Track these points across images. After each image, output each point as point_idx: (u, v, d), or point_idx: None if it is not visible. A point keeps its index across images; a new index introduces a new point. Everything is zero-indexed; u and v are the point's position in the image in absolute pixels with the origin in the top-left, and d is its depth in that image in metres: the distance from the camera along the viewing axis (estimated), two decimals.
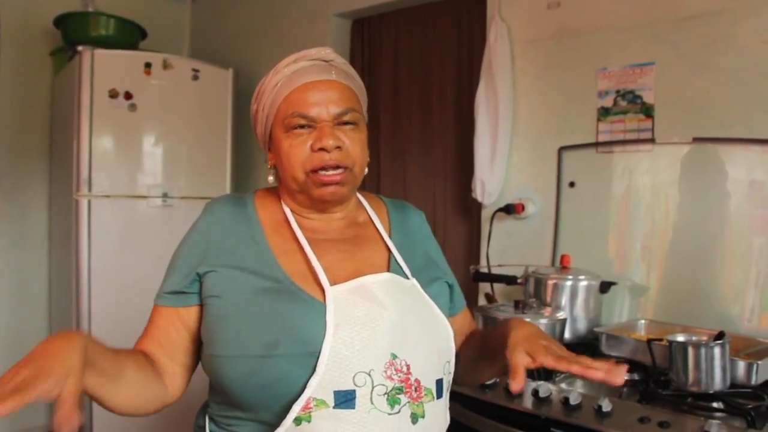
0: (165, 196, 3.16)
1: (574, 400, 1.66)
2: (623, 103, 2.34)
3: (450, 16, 2.99)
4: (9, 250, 3.35)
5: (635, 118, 2.32)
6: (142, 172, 3.12)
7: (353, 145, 1.11)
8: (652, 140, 2.28)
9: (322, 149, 1.07)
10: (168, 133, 3.18)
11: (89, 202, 2.96)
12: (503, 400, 1.79)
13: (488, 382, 1.84)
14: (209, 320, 1.07)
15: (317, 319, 1.00)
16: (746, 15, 2.07)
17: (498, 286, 2.57)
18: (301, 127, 1.09)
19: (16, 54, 3.35)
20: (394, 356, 1.01)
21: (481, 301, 2.63)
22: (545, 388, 1.74)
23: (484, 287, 2.64)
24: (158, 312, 1.14)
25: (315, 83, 1.10)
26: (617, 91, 2.35)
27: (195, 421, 1.19)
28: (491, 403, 1.81)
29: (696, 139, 2.18)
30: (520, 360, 0.99)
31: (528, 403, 1.75)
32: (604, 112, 2.39)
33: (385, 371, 0.99)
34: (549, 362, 0.97)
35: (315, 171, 1.08)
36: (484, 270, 2.57)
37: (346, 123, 1.11)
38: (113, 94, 2.99)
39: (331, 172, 1.09)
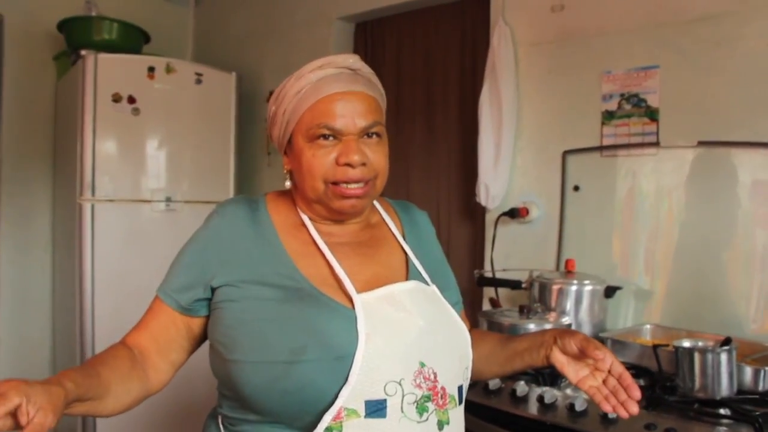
0: (168, 200, 3.15)
1: (579, 407, 1.64)
2: (628, 107, 2.33)
3: (453, 19, 2.98)
4: (13, 254, 3.35)
5: (640, 122, 2.30)
6: (145, 176, 3.12)
7: (377, 158, 1.10)
8: (656, 144, 2.26)
9: (347, 164, 1.06)
10: (171, 137, 3.18)
11: (93, 207, 2.95)
12: (508, 406, 1.78)
13: (492, 388, 1.83)
14: (226, 324, 1.05)
15: (345, 325, 1.00)
16: (751, 17, 2.06)
17: (502, 291, 2.56)
18: (326, 138, 1.07)
19: (20, 58, 3.35)
20: (423, 364, 1.02)
21: (486, 305, 2.62)
22: (550, 394, 1.72)
23: (489, 292, 2.63)
24: (161, 308, 1.13)
25: (342, 94, 1.08)
26: (621, 95, 2.34)
27: (204, 430, 1.18)
28: (496, 409, 1.79)
29: (701, 143, 2.17)
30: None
31: (533, 409, 1.73)
32: (608, 116, 2.38)
33: (415, 380, 1.00)
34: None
35: (336, 183, 1.07)
36: (489, 274, 2.56)
37: (370, 135, 1.10)
38: (116, 98, 2.99)
39: (353, 186, 1.08)
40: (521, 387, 1.78)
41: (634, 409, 1.06)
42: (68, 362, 3.15)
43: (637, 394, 1.05)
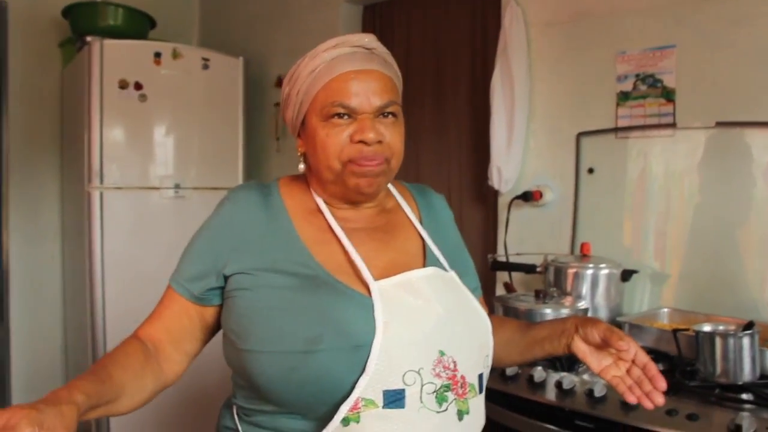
0: (177, 187, 3.13)
1: (598, 392, 1.63)
2: (643, 87, 2.28)
3: (463, 0, 2.93)
4: (22, 244, 3.33)
5: (656, 103, 2.26)
6: (153, 163, 3.09)
7: (393, 138, 1.07)
8: (673, 125, 2.22)
9: (362, 142, 1.03)
10: (179, 123, 3.15)
11: (101, 195, 2.93)
12: (526, 392, 1.76)
13: (509, 374, 1.81)
14: (239, 313, 1.03)
15: (362, 313, 0.98)
16: None
17: (516, 275, 2.53)
18: (340, 116, 1.05)
19: (25, 46, 3.32)
20: (442, 353, 0.99)
21: (500, 290, 2.59)
22: (569, 379, 1.70)
23: (502, 276, 2.60)
24: (173, 297, 1.11)
25: (356, 72, 1.06)
26: (637, 75, 2.30)
27: (219, 420, 1.16)
28: (514, 395, 1.78)
29: (719, 123, 2.13)
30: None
31: (551, 395, 1.72)
32: (623, 97, 2.33)
33: (434, 369, 0.98)
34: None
35: (352, 161, 1.04)
36: (502, 259, 2.53)
37: (386, 114, 1.07)
38: (123, 85, 2.96)
39: (368, 163, 1.05)
40: (539, 373, 1.76)
41: (660, 400, 1.03)
42: (80, 351, 3.15)
43: (663, 384, 1.03)
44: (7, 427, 0.73)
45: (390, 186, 1.23)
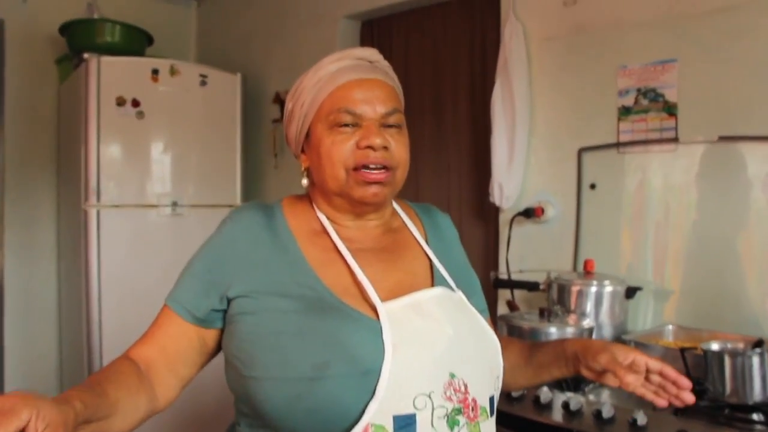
0: (175, 204, 3.10)
1: (606, 413, 1.59)
2: (645, 102, 2.27)
3: (462, 15, 2.92)
4: (18, 262, 3.30)
5: (657, 117, 2.24)
6: (150, 181, 3.07)
7: (398, 148, 1.07)
8: (675, 140, 2.20)
9: (369, 147, 1.03)
10: (176, 140, 3.13)
11: (98, 213, 2.90)
12: (532, 413, 1.72)
13: (515, 395, 1.78)
14: (243, 338, 1.00)
15: (371, 337, 0.95)
16: None
17: (518, 293, 2.50)
18: (346, 124, 1.04)
19: (22, 62, 3.31)
20: (453, 375, 0.97)
21: (502, 308, 2.56)
22: (576, 400, 1.67)
23: (504, 294, 2.57)
24: (171, 319, 1.06)
25: (361, 81, 1.07)
26: (638, 90, 2.28)
27: None
28: (520, 416, 1.74)
29: (722, 138, 2.11)
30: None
31: (558, 416, 1.68)
32: (624, 112, 2.32)
33: (445, 392, 0.95)
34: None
35: (358, 169, 1.03)
36: (504, 276, 2.50)
37: (391, 125, 1.07)
38: (120, 102, 2.94)
39: (375, 172, 1.04)
40: (545, 394, 1.73)
41: (690, 398, 1.03)
42: (76, 370, 3.10)
43: (687, 383, 1.02)
44: (5, 411, 0.70)
45: (395, 205, 1.21)
